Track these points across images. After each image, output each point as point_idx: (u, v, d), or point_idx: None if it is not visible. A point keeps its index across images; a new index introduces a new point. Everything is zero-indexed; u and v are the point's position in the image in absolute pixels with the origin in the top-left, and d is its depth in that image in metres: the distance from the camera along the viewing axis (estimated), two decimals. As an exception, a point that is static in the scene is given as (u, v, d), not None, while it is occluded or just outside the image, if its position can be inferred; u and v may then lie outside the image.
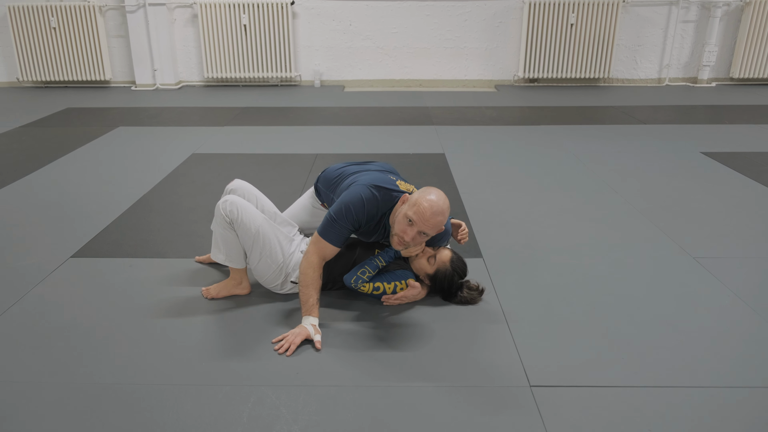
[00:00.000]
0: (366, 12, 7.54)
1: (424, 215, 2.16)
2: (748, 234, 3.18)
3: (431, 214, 2.16)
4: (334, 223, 2.28)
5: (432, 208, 2.16)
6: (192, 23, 7.58)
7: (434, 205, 2.17)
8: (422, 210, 2.16)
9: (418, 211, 2.17)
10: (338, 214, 2.27)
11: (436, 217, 2.18)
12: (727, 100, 6.85)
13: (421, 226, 2.19)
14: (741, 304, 2.49)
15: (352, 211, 2.27)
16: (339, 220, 2.27)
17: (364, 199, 2.28)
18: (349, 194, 2.30)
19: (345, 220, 2.27)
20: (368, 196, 2.28)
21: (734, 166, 4.33)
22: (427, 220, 2.17)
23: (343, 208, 2.27)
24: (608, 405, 1.88)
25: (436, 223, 2.19)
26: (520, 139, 5.15)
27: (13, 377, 2.02)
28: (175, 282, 2.68)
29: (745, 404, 1.89)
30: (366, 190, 2.29)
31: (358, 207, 2.27)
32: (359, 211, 2.27)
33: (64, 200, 3.70)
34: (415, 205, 2.18)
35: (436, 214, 2.17)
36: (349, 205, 2.27)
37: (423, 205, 2.16)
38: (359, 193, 2.29)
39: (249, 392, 1.94)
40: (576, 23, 7.39)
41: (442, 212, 2.19)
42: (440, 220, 2.20)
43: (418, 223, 2.18)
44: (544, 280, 2.69)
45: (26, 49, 7.49)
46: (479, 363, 2.10)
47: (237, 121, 5.88)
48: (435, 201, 2.18)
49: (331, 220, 2.29)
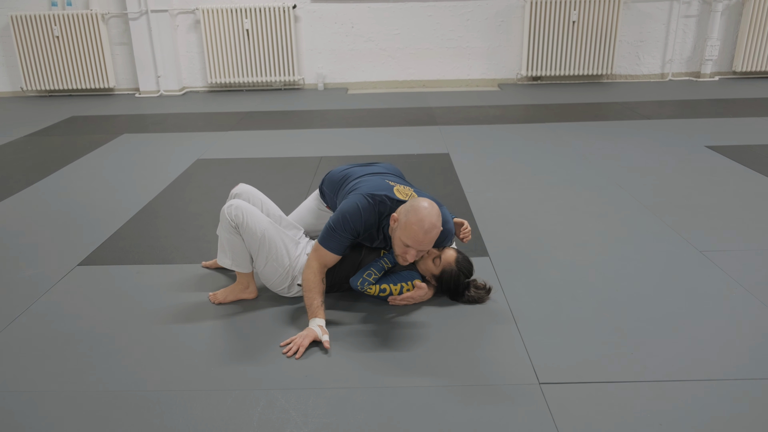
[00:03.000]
0: (368, 14, 7.55)
1: (418, 238, 2.20)
2: (754, 227, 3.17)
3: (423, 235, 2.20)
4: (333, 232, 2.33)
5: (422, 229, 2.19)
6: (195, 29, 7.61)
7: (424, 224, 2.19)
8: (414, 234, 2.20)
9: (410, 237, 2.21)
10: (336, 224, 2.32)
11: (429, 235, 2.21)
12: (731, 93, 6.83)
13: (418, 247, 2.24)
14: (749, 297, 2.48)
15: (349, 220, 2.31)
16: (338, 229, 2.32)
17: (360, 209, 2.32)
18: (346, 204, 2.35)
19: (343, 230, 2.32)
20: (364, 205, 2.32)
21: (739, 159, 4.31)
22: (422, 241, 2.22)
23: (340, 218, 2.32)
24: (618, 401, 1.88)
25: (432, 239, 2.23)
26: (524, 137, 5.14)
27: (23, 386, 2.03)
28: (183, 287, 2.69)
29: (757, 396, 1.88)
30: (362, 200, 2.33)
31: (355, 217, 2.31)
32: (356, 221, 2.32)
33: (71, 208, 3.72)
34: (406, 230, 2.21)
35: (428, 232, 2.20)
36: (346, 215, 2.31)
37: (413, 229, 2.19)
38: (356, 203, 2.33)
39: (259, 396, 1.95)
40: (578, 20, 7.38)
41: (433, 227, 2.21)
42: (434, 234, 2.23)
43: (414, 246, 2.23)
44: (551, 277, 2.69)
45: (30, 58, 7.53)
46: (488, 361, 2.10)
47: (241, 125, 5.90)
48: (423, 219, 2.19)
49: (330, 230, 2.34)
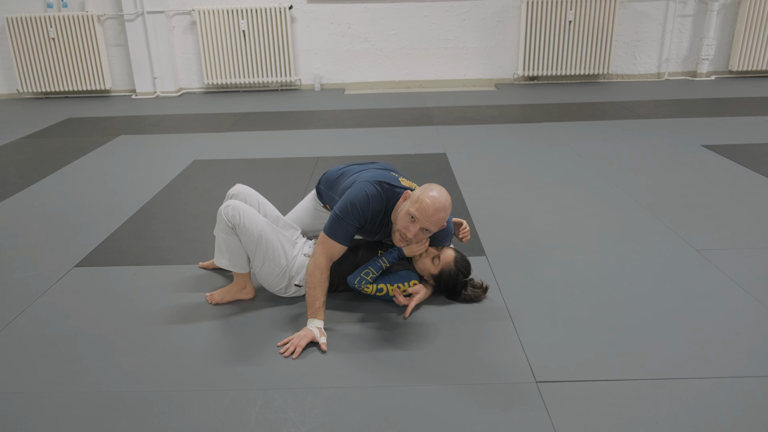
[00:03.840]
0: (364, 14, 7.55)
1: (427, 211, 2.16)
2: (750, 225, 3.18)
3: (434, 210, 2.16)
4: (341, 221, 2.27)
5: (434, 205, 2.16)
6: (191, 30, 7.60)
7: (436, 201, 2.16)
8: (425, 206, 2.16)
9: (420, 208, 2.16)
10: (344, 212, 2.27)
11: (439, 214, 2.17)
12: (727, 92, 6.85)
13: (423, 222, 2.19)
14: (745, 295, 2.48)
15: (357, 207, 2.26)
16: (345, 218, 2.26)
17: (369, 196, 2.27)
18: (353, 191, 2.29)
19: (351, 218, 2.26)
20: (372, 192, 2.28)
21: (735, 158, 4.32)
22: (430, 216, 2.17)
23: (348, 205, 2.26)
24: (615, 399, 1.88)
25: (439, 219, 2.19)
26: (521, 137, 5.15)
27: (21, 387, 2.03)
28: (180, 288, 2.69)
29: (753, 394, 1.89)
30: (370, 186, 2.29)
31: (364, 203, 2.26)
32: (365, 208, 2.26)
33: (67, 210, 3.71)
34: (417, 202, 2.18)
35: (439, 210, 2.17)
36: (355, 202, 2.26)
37: (425, 202, 2.16)
38: (363, 189, 2.28)
39: (256, 396, 1.95)
40: (574, 20, 7.39)
41: (444, 208, 2.18)
42: (442, 216, 2.19)
43: (420, 220, 2.18)
44: (548, 277, 2.69)
45: (25, 60, 7.51)
46: (485, 361, 2.10)
47: (238, 126, 5.90)
48: (437, 197, 2.18)
49: (337, 219, 2.28)
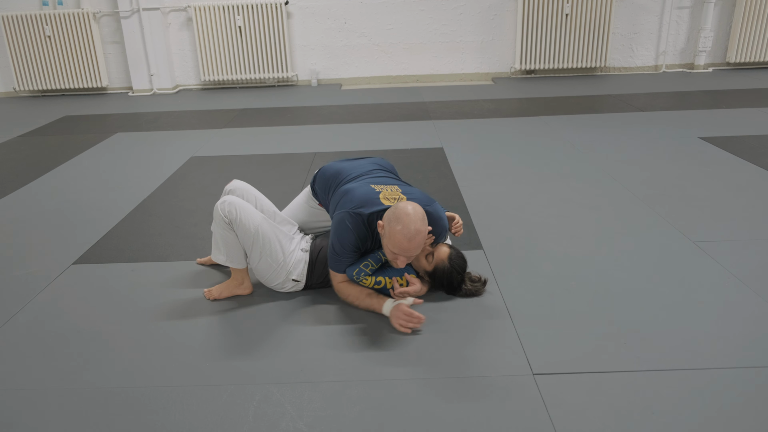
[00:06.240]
0: (360, 9, 7.54)
1: (403, 246, 2.19)
2: (747, 217, 3.18)
3: (408, 243, 2.19)
4: (339, 257, 2.38)
5: (406, 237, 2.18)
6: (187, 27, 7.58)
7: (407, 232, 2.17)
8: (398, 242, 2.19)
9: (395, 245, 2.20)
10: (338, 249, 2.37)
11: (414, 241, 2.19)
12: (724, 84, 6.84)
13: (404, 254, 2.23)
14: (742, 287, 2.49)
15: (346, 242, 2.35)
16: (341, 254, 2.37)
17: (351, 227, 2.34)
18: (336, 229, 2.37)
19: (346, 253, 2.37)
20: (353, 222, 2.34)
21: (732, 150, 4.32)
22: (408, 249, 2.20)
23: (338, 242, 2.36)
24: (611, 390, 1.89)
25: (418, 244, 2.21)
26: (518, 131, 5.15)
27: (19, 384, 2.03)
28: (178, 284, 2.69)
29: (750, 385, 1.89)
30: (349, 217, 2.35)
31: (350, 236, 2.34)
32: (352, 240, 2.35)
33: (65, 207, 3.71)
34: (391, 238, 2.21)
35: (412, 239, 2.19)
36: (342, 238, 2.35)
37: (397, 238, 2.18)
38: (345, 222, 2.34)
39: (254, 391, 1.95)
40: (571, 13, 7.38)
41: (417, 233, 2.19)
42: (420, 239, 2.21)
43: (401, 253, 2.23)
44: (545, 270, 2.70)
45: (21, 58, 7.50)
46: (482, 354, 2.11)
47: (235, 123, 5.89)
48: (407, 227, 2.18)
49: (335, 255, 2.39)
